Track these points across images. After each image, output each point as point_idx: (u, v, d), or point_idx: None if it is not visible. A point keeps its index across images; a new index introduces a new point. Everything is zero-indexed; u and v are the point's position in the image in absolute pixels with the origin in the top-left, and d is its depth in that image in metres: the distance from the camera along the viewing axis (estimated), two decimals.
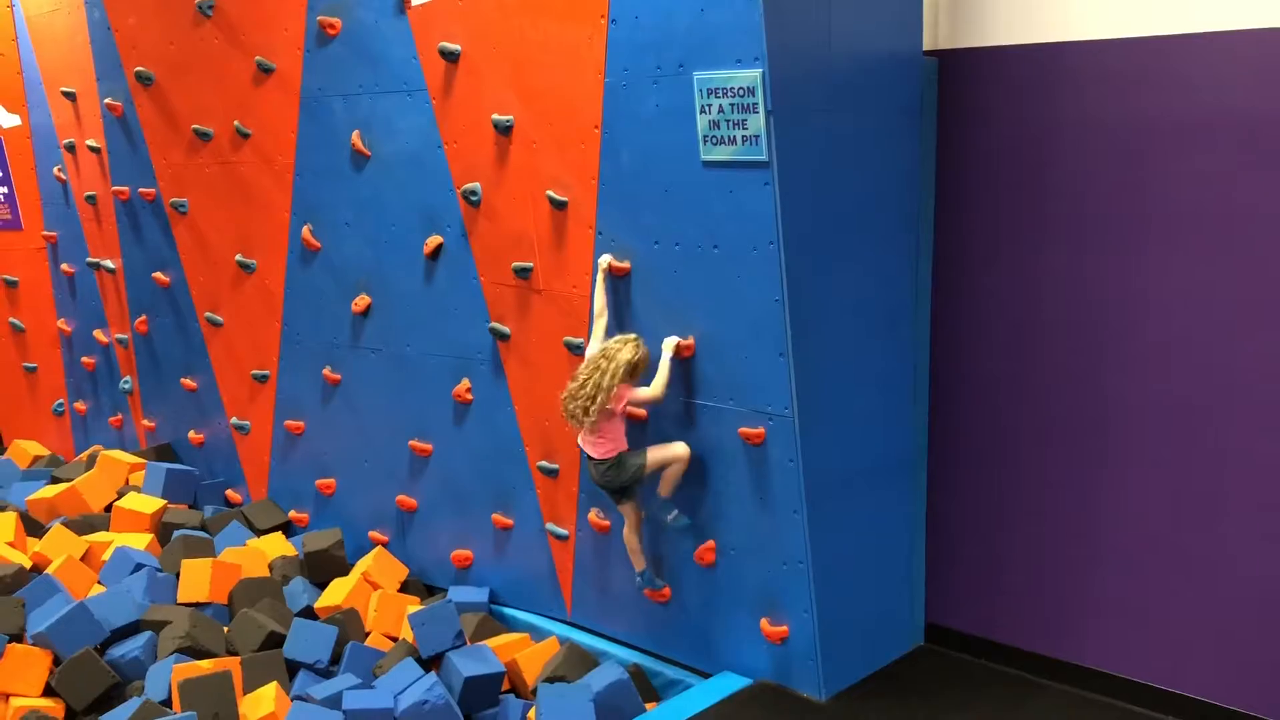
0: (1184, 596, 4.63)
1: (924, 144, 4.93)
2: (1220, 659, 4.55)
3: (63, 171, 7.97)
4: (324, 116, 5.99)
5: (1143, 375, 4.63)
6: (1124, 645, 4.84)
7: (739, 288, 4.49)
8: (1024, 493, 5.05)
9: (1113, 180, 4.58)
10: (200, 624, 5.49)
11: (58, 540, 6.31)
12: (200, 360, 7.13)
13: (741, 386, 4.62)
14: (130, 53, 6.82)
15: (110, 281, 7.72)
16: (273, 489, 7.03)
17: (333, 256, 6.19)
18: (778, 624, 4.81)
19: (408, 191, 5.74)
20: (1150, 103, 4.43)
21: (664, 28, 4.43)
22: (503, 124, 5.17)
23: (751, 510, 4.75)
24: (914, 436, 5.14)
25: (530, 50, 4.97)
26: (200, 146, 6.63)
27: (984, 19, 4.86)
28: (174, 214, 6.93)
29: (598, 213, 4.93)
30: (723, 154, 4.37)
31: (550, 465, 5.53)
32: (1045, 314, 4.87)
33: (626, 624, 5.47)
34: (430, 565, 6.32)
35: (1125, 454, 4.72)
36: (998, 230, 4.95)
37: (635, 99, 4.62)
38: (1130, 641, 4.82)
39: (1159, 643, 4.74)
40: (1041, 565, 5.04)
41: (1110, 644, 4.87)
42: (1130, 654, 4.81)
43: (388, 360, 6.11)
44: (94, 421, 8.43)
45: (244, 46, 6.23)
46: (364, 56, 5.71)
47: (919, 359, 5.11)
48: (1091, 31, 4.57)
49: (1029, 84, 4.77)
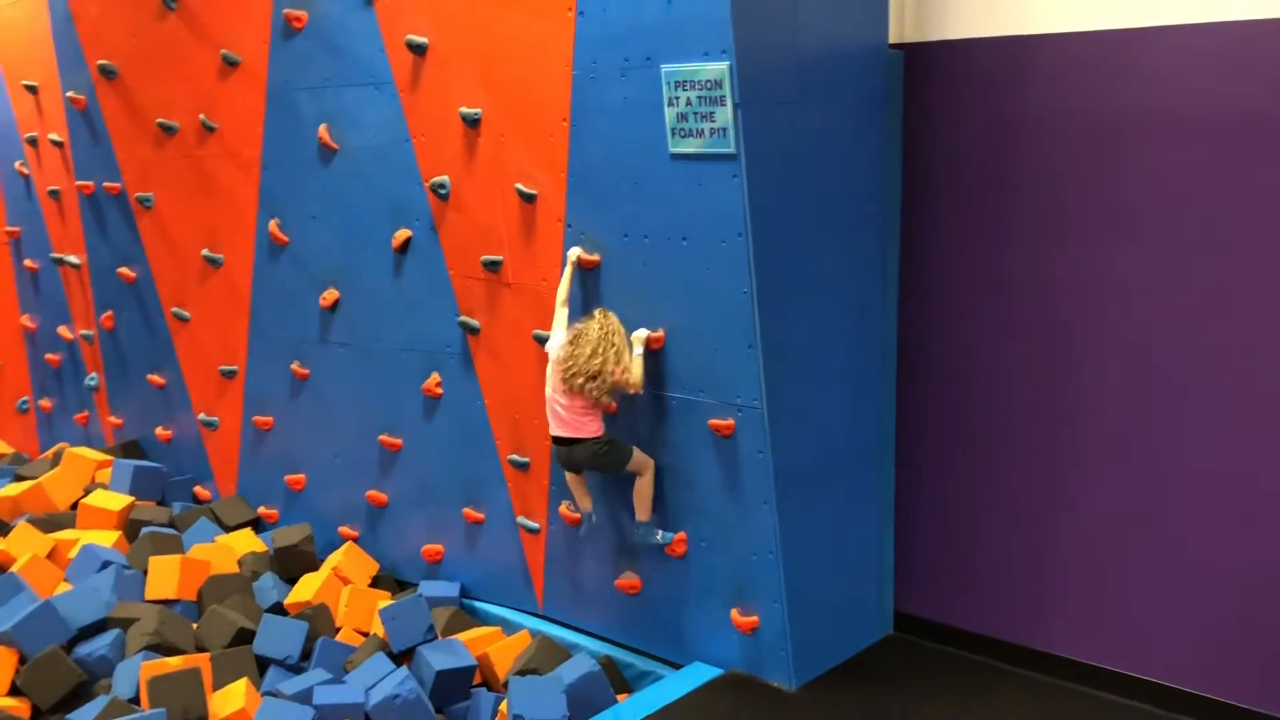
0: (1148, 583, 4.70)
1: (890, 136, 4.96)
2: (1183, 644, 4.62)
3: (25, 166, 7.87)
4: (291, 110, 5.95)
5: (1107, 366, 4.68)
6: (1090, 632, 4.90)
7: (708, 280, 4.51)
8: (990, 482, 5.10)
9: (1077, 173, 4.63)
10: (169, 621, 5.45)
11: (23, 538, 6.25)
12: (167, 356, 7.07)
13: (711, 378, 4.64)
14: (93, 45, 6.75)
15: (75, 277, 7.65)
16: (241, 485, 6.99)
17: (300, 251, 6.16)
18: (748, 614, 4.83)
19: (376, 185, 5.71)
20: (1114, 96, 4.48)
21: (631, 20, 4.44)
22: (471, 117, 5.16)
23: (721, 501, 4.77)
24: (882, 427, 5.18)
25: (498, 43, 4.96)
26: (165, 140, 6.57)
27: (948, 12, 4.89)
28: (139, 208, 6.87)
29: (567, 206, 4.93)
30: (691, 146, 4.38)
31: (521, 459, 5.53)
32: (1010, 305, 4.92)
33: (598, 616, 5.49)
34: (401, 560, 6.30)
35: (1089, 444, 4.78)
36: (963, 222, 4.99)
37: (603, 91, 4.63)
38: (1096, 628, 4.88)
39: (1124, 629, 4.80)
40: (1008, 554, 5.09)
41: (1076, 631, 4.93)
42: (1096, 640, 4.87)
43: (357, 355, 6.09)
44: (59, 419, 8.35)
45: (209, 39, 6.18)
46: (331, 49, 5.68)
47: (886, 350, 5.14)
48: (1055, 25, 4.62)
49: (993, 77, 4.81)
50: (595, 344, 4.61)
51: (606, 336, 4.63)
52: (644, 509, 4.91)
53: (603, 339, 4.62)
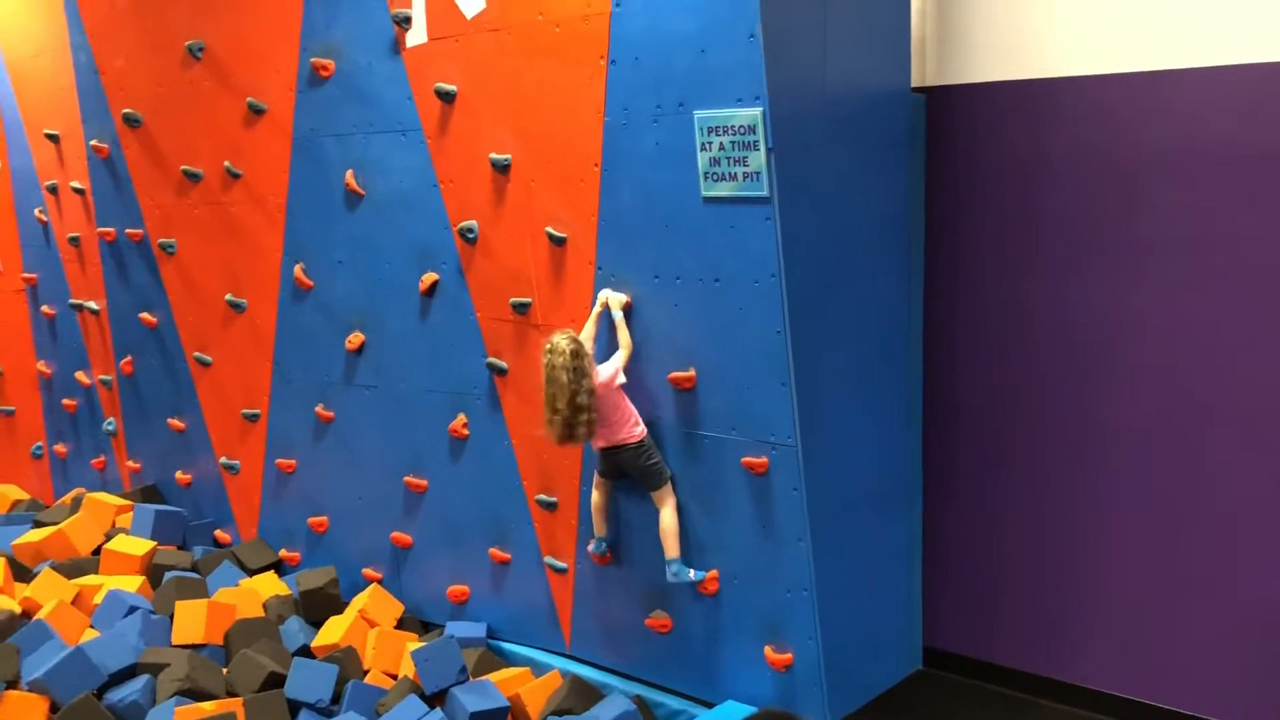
0: (1176, 615, 4.75)
1: (913, 177, 5.08)
2: (1211, 676, 4.67)
3: (44, 213, 7.94)
4: (317, 156, 6.04)
5: (1132, 402, 4.76)
6: (1119, 664, 4.94)
7: (741, 319, 4.58)
8: (1017, 517, 5.16)
9: (1099, 212, 4.74)
10: (199, 666, 5.45)
11: (47, 584, 6.25)
12: (188, 400, 7.11)
13: (744, 417, 4.70)
14: (118, 95, 6.84)
15: (94, 323, 7.69)
16: (263, 528, 7.00)
17: (326, 295, 6.22)
18: (782, 651, 4.86)
19: (403, 229, 5.79)
20: (1135, 137, 4.60)
21: (664, 68, 4.54)
22: (500, 163, 5.25)
23: (755, 539, 4.82)
24: (909, 463, 5.25)
25: (529, 91, 5.06)
26: (189, 187, 6.65)
27: (968, 57, 5.03)
28: (161, 254, 6.93)
29: (597, 249, 5.01)
30: (724, 190, 4.47)
31: (549, 499, 5.57)
32: (1034, 341, 5.01)
33: (628, 655, 5.50)
34: (426, 601, 6.31)
35: (1116, 477, 4.85)
36: (986, 261, 5.09)
37: (635, 137, 4.73)
38: (1125, 660, 4.93)
39: (1153, 661, 4.85)
40: (1036, 586, 5.14)
41: (1106, 663, 4.98)
42: (1125, 672, 4.92)
43: (382, 397, 6.13)
44: (74, 464, 8.35)
45: (235, 88, 6.28)
46: (358, 97, 5.77)
47: (912, 387, 5.22)
48: (1074, 68, 4.74)
49: (1014, 119, 4.94)
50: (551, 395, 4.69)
51: (554, 377, 4.67)
52: (673, 545, 4.96)
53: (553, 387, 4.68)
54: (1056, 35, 4.78)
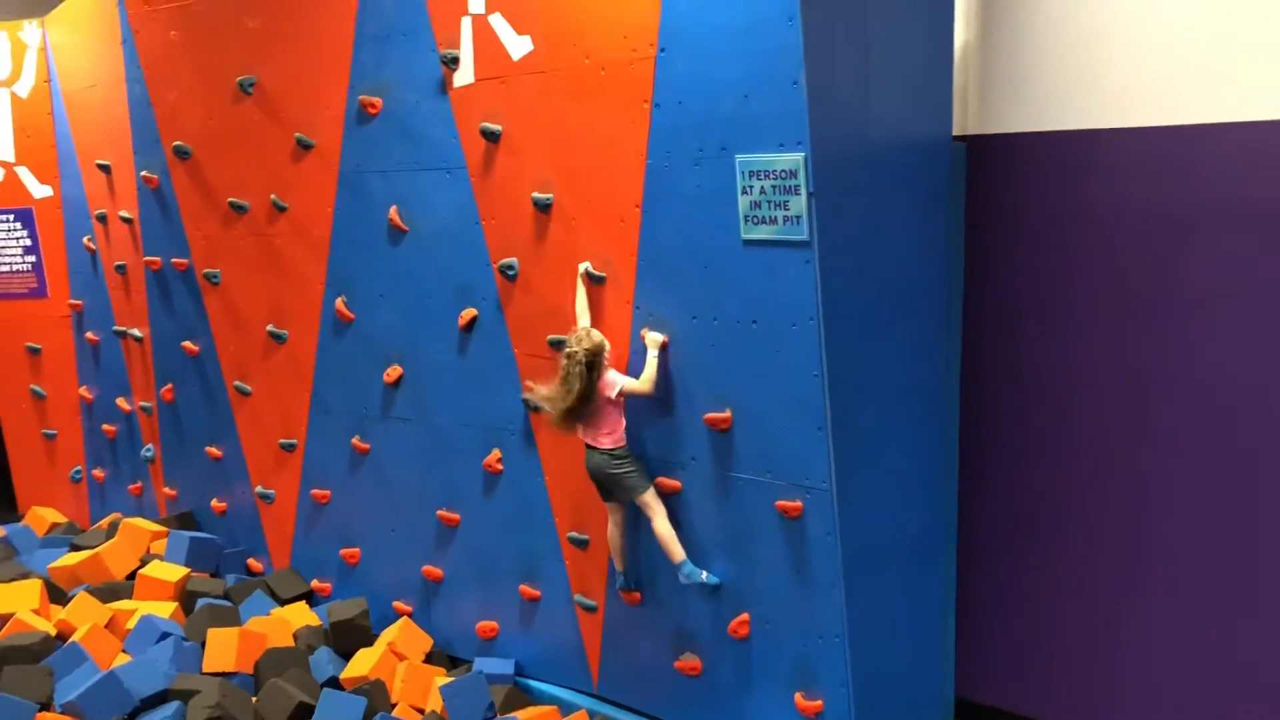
0: (1217, 672, 4.67)
1: (953, 225, 5.09)
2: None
3: (92, 241, 8.09)
4: (362, 192, 6.13)
5: (1171, 454, 4.72)
6: None
7: (778, 362, 4.59)
8: (1053, 569, 5.11)
9: (1140, 264, 4.72)
10: (230, 694, 5.47)
11: (82, 608, 6.30)
12: (227, 429, 7.18)
13: (779, 460, 4.69)
14: (169, 127, 6.98)
15: (137, 350, 7.80)
16: (295, 558, 7.04)
17: (366, 328, 6.29)
18: (812, 698, 4.82)
19: (444, 265, 5.86)
20: (1178, 190, 4.59)
21: (707, 112, 4.59)
22: (542, 202, 5.31)
23: (787, 583, 4.79)
24: (944, 512, 5.22)
25: (572, 132, 5.13)
26: (235, 219, 6.76)
27: (1010, 106, 5.05)
28: (206, 284, 7.03)
29: (636, 288, 5.04)
30: (764, 233, 4.50)
31: (580, 536, 5.57)
32: (1073, 392, 4.98)
33: (656, 698, 5.47)
34: (454, 636, 6.31)
35: (1155, 530, 4.80)
36: (1025, 310, 5.08)
37: (676, 179, 4.77)
38: (1158, 717, 4.84)
39: (1187, 717, 4.76)
40: (1071, 640, 5.08)
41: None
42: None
43: (418, 430, 6.17)
44: (111, 489, 8.44)
45: (284, 123, 6.39)
46: (404, 135, 5.87)
47: (949, 435, 5.20)
48: (1117, 120, 4.75)
49: (1055, 169, 4.94)
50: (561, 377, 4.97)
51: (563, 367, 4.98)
52: (675, 550, 4.99)
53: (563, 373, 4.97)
54: (1100, 86, 4.79)
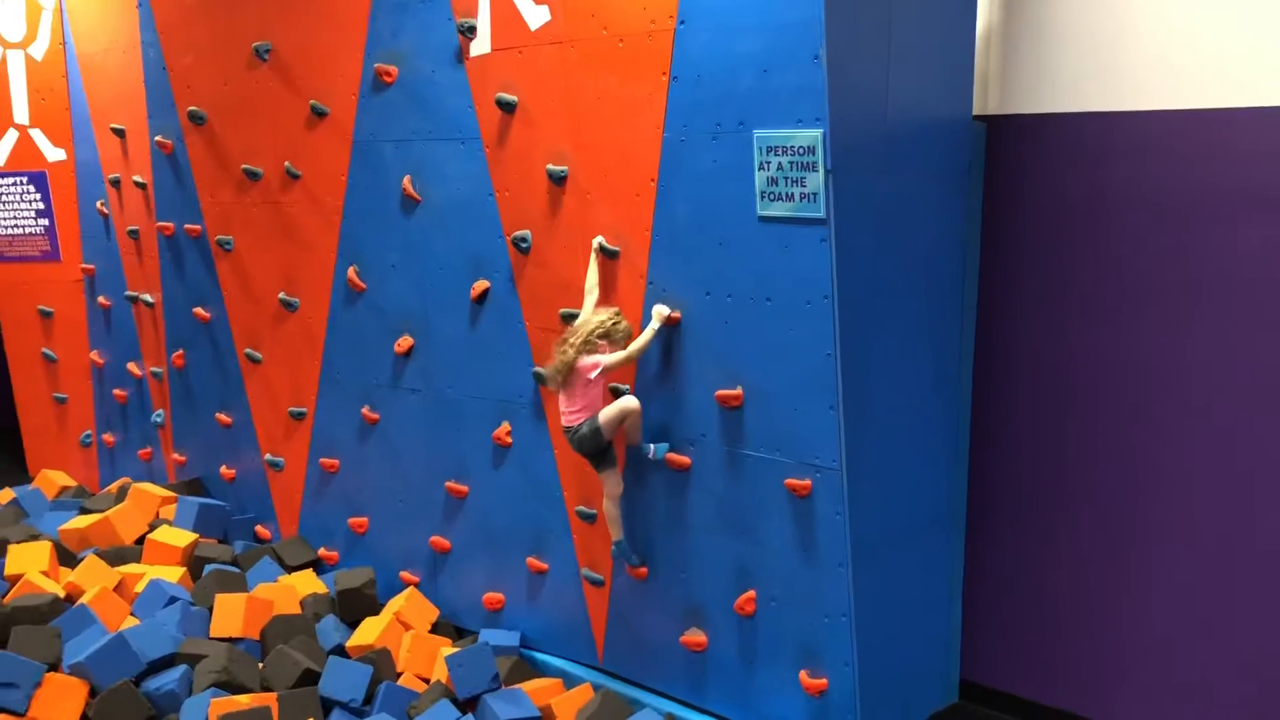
0: (1217, 658, 4.66)
1: (970, 205, 5.05)
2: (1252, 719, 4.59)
3: (105, 206, 8.09)
4: (375, 161, 6.11)
5: (1182, 442, 4.70)
6: (1157, 706, 4.86)
7: (791, 340, 4.57)
8: (1061, 553, 5.10)
9: (1157, 249, 4.69)
10: (236, 659, 5.50)
11: (91, 571, 6.33)
12: (237, 396, 7.19)
13: (789, 438, 4.68)
14: (184, 92, 6.96)
15: (148, 315, 7.81)
16: (303, 526, 7.06)
17: (377, 298, 6.28)
18: (817, 676, 4.82)
19: (456, 237, 5.84)
20: (1197, 174, 4.55)
21: (725, 87, 4.56)
22: (557, 174, 5.28)
23: (795, 562, 4.79)
24: (953, 494, 5.20)
25: (589, 104, 5.09)
26: (249, 186, 6.75)
27: (1031, 87, 5.00)
28: (218, 251, 7.03)
29: (650, 263, 5.02)
30: (780, 210, 4.47)
31: (589, 510, 5.57)
32: (1085, 376, 4.95)
33: (661, 672, 5.48)
34: (461, 607, 6.33)
35: (1164, 516, 4.78)
36: (1040, 292, 5.04)
37: (693, 154, 4.74)
38: (1163, 703, 4.84)
39: (1191, 704, 4.76)
40: (1078, 623, 5.07)
41: (1144, 705, 4.90)
42: (1167, 715, 4.83)
43: (428, 401, 6.17)
44: (121, 454, 8.47)
45: (299, 90, 6.37)
46: (419, 104, 5.84)
47: (960, 417, 5.18)
48: (1138, 103, 4.70)
49: (1074, 151, 4.90)
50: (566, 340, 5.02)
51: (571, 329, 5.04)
52: (634, 436, 5.14)
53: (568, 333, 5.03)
54: (1121, 68, 4.74)
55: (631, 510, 5.31)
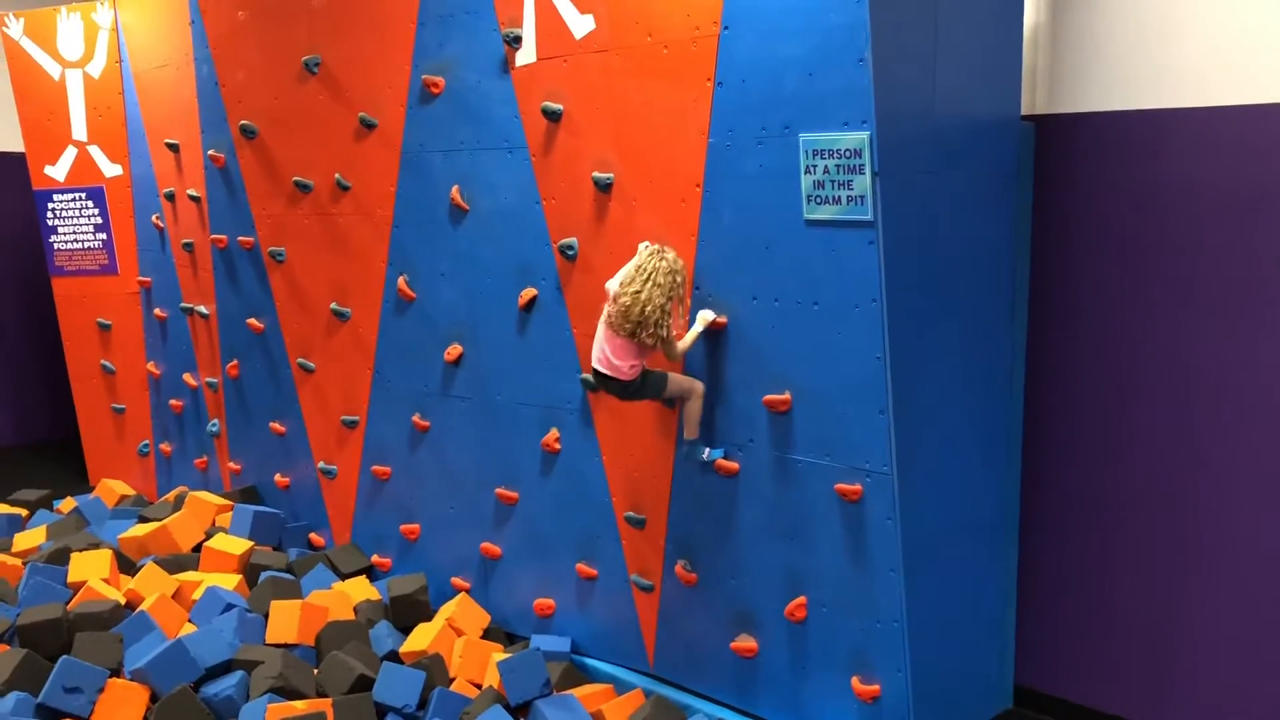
0: (1277, 665, 4.58)
1: (1020, 206, 5.00)
2: None
3: (160, 219, 8.25)
4: (424, 171, 6.18)
5: (1241, 442, 4.61)
6: (1215, 714, 4.77)
7: (839, 344, 4.55)
8: (1117, 558, 5.02)
9: (1212, 248, 4.61)
10: (292, 665, 5.57)
11: (150, 578, 6.45)
12: (290, 405, 7.29)
13: (839, 443, 4.66)
14: (236, 107, 7.08)
15: (203, 326, 7.95)
16: (356, 533, 7.15)
17: (427, 306, 6.34)
18: (869, 683, 4.79)
19: (504, 245, 5.88)
20: (1252, 171, 4.47)
21: (771, 91, 4.55)
22: (603, 181, 5.31)
23: (846, 567, 4.76)
24: (1006, 498, 5.15)
25: (634, 111, 5.11)
26: (300, 198, 6.85)
27: (1080, 85, 4.95)
28: (271, 262, 7.14)
29: (696, 268, 5.03)
30: (827, 213, 4.45)
31: (638, 516, 5.58)
32: (1140, 378, 4.88)
33: (711, 678, 5.48)
34: (511, 613, 6.37)
35: (1224, 522, 4.70)
36: (1093, 292, 4.98)
37: (739, 158, 4.74)
38: (1222, 710, 4.75)
39: (1253, 717, 4.66)
40: (1134, 628, 5.00)
41: (1202, 714, 4.81)
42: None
43: (478, 408, 6.22)
44: (178, 463, 8.63)
45: (348, 103, 6.45)
46: (466, 114, 5.89)
47: (1012, 420, 5.13)
48: (1190, 99, 4.63)
49: (1126, 149, 4.84)
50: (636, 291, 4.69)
51: (650, 276, 4.72)
52: (691, 429, 5.02)
53: (641, 278, 4.73)
54: (1172, 64, 4.68)
55: (680, 515, 5.31)
